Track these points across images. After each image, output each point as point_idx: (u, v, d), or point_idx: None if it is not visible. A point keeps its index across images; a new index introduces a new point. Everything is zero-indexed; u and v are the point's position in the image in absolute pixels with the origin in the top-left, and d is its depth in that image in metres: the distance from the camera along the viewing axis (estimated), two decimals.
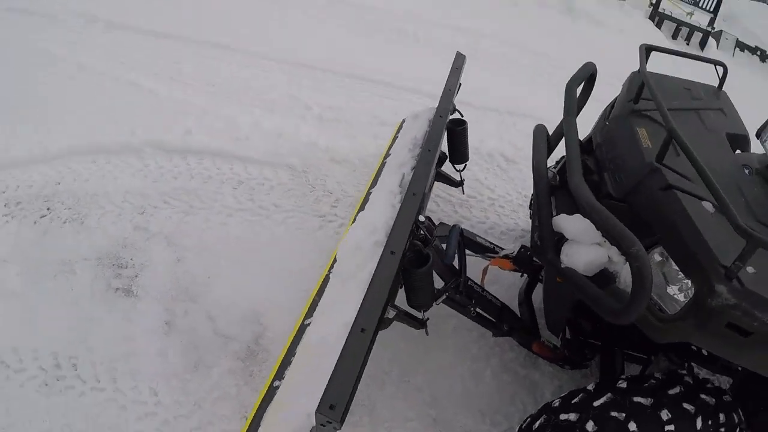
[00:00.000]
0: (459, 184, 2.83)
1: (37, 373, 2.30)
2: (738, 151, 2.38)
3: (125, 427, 2.18)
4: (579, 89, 2.30)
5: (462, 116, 2.67)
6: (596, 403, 1.77)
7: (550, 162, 2.40)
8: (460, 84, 2.99)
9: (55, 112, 3.57)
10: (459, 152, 2.68)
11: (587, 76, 2.33)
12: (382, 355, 2.51)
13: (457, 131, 2.60)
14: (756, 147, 2.42)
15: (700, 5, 9.27)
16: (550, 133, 2.37)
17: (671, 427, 1.66)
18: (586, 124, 2.48)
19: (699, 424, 1.69)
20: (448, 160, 2.75)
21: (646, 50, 2.45)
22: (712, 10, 9.20)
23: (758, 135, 2.34)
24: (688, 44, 8.87)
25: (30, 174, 3.16)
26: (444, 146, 2.62)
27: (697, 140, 2.14)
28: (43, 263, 2.69)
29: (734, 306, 1.50)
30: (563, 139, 2.07)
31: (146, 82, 4.02)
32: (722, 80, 2.64)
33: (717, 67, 2.63)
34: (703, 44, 8.92)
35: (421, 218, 2.17)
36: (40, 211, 2.95)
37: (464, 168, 2.78)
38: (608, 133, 2.35)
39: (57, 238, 2.83)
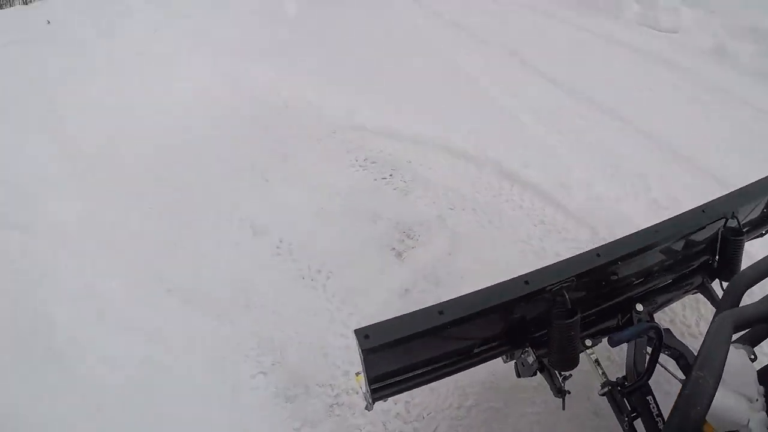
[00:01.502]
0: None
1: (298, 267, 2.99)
2: None
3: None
4: None
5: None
6: None
7: None
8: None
9: (451, 111, 4.38)
10: (729, 267, 2.15)
11: None
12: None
13: (731, 241, 2.10)
14: None
15: None
16: None
17: None
18: None
19: None
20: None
21: None
22: None
23: None
24: None
25: (399, 147, 3.97)
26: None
27: None
28: (358, 209, 3.39)
29: None
30: None
31: (530, 121, 4.39)
32: None
33: None
34: None
35: (639, 307, 2.02)
36: (383, 174, 3.69)
37: None
38: None
39: (381, 197, 3.48)
